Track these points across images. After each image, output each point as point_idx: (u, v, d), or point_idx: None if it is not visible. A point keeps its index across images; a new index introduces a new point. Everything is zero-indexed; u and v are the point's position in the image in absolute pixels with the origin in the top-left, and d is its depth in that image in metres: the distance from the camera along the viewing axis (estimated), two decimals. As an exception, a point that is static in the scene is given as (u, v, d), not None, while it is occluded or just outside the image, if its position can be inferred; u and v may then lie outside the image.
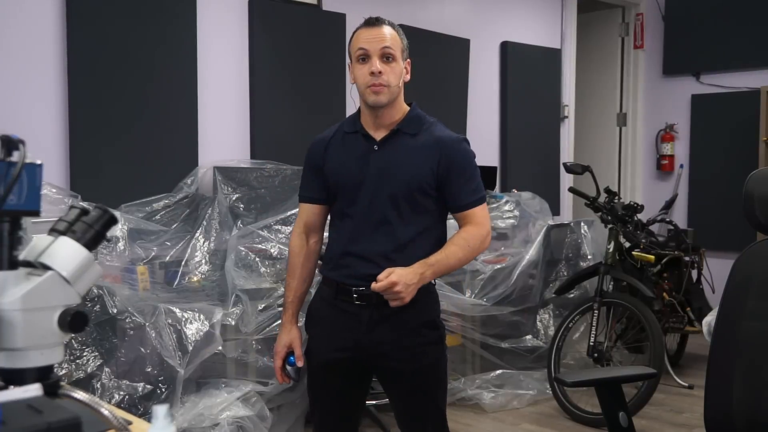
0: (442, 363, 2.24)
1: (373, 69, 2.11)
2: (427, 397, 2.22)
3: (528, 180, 5.48)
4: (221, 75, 3.98)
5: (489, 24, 5.40)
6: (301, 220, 2.32)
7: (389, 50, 2.13)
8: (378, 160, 2.16)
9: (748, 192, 1.95)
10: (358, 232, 2.17)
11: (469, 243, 2.16)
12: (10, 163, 1.08)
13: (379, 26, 2.15)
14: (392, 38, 2.14)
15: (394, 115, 2.19)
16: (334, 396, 2.26)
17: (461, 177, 2.17)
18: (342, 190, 2.21)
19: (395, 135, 2.18)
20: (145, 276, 3.27)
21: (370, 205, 2.16)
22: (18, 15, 3.30)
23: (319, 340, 2.25)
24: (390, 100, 2.15)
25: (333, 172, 2.22)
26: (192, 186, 3.69)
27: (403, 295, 2.01)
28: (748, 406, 1.87)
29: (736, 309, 1.94)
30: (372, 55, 2.12)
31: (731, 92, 6.07)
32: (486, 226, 2.20)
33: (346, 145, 2.23)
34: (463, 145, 2.21)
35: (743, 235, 4.29)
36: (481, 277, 4.18)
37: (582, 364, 4.46)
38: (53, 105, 3.41)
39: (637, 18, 6.50)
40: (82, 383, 2.80)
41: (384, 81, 2.11)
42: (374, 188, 2.15)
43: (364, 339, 2.15)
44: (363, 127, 2.21)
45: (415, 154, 2.16)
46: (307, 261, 2.31)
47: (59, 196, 3.17)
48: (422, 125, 2.20)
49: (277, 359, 2.26)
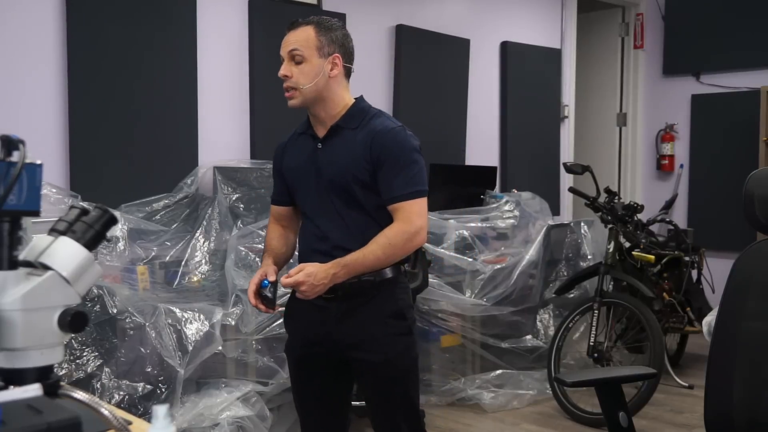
0: (412, 353, 2.24)
1: (279, 73, 2.18)
2: (398, 387, 2.23)
3: (528, 180, 5.48)
4: (221, 75, 3.98)
5: (489, 24, 5.39)
6: (272, 218, 2.40)
7: (295, 52, 2.16)
8: (320, 158, 2.21)
9: (748, 192, 1.95)
10: (316, 229, 2.23)
11: (391, 242, 2.11)
12: (10, 163, 1.08)
13: (294, 29, 2.19)
14: (303, 39, 2.16)
15: (330, 112, 2.21)
16: (316, 394, 2.29)
17: (393, 167, 2.13)
18: (296, 191, 2.30)
19: (336, 131, 2.21)
20: (145, 276, 3.27)
21: (318, 202, 2.22)
22: (18, 15, 3.30)
23: (294, 336, 2.31)
24: (304, 101, 2.18)
25: (288, 173, 2.31)
26: (192, 186, 3.69)
27: (308, 293, 2.07)
28: (748, 406, 1.87)
29: (736, 309, 1.93)
30: (283, 60, 2.19)
31: (731, 92, 6.06)
32: (415, 223, 2.12)
33: (297, 147, 2.30)
34: (399, 134, 2.16)
35: (743, 235, 4.29)
36: (481, 277, 4.18)
37: (582, 364, 4.45)
38: (53, 105, 3.41)
39: (637, 18, 6.50)
40: (82, 383, 2.81)
41: (292, 84, 2.16)
42: (318, 185, 2.21)
43: (334, 331, 2.19)
44: (311, 127, 2.26)
45: (353, 147, 2.17)
46: (284, 236, 2.36)
47: (59, 196, 3.17)
48: (363, 118, 2.20)
49: (251, 285, 2.21)
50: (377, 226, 2.16)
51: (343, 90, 2.23)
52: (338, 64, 2.19)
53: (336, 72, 2.19)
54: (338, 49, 2.19)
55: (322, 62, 2.16)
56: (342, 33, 2.22)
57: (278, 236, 2.36)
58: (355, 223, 2.18)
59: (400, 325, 2.22)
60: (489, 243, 4.48)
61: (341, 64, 2.20)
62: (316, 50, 2.16)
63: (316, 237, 2.23)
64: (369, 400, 2.29)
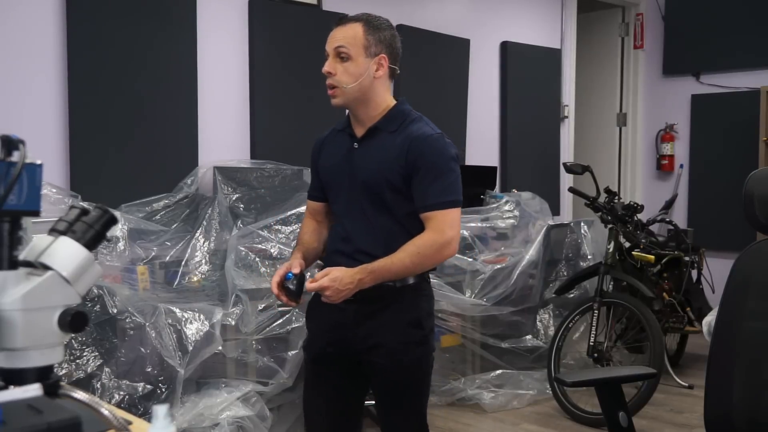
0: (424, 363, 2.21)
1: (323, 69, 2.13)
2: (407, 395, 2.21)
3: (528, 180, 5.48)
4: (221, 75, 3.98)
5: (489, 24, 5.40)
6: (307, 213, 2.38)
7: (341, 49, 2.11)
8: (355, 159, 2.18)
9: (748, 192, 1.95)
10: (343, 230, 2.21)
11: (421, 251, 2.08)
12: (10, 163, 1.08)
13: (343, 25, 2.14)
14: (350, 37, 2.11)
15: (370, 113, 2.17)
16: (329, 394, 2.26)
17: (429, 175, 2.09)
18: (328, 188, 2.27)
19: (373, 133, 2.17)
20: (145, 276, 3.27)
21: (348, 202, 2.19)
22: (18, 15, 3.30)
23: (313, 334, 2.29)
24: (346, 101, 2.14)
25: (322, 170, 2.28)
26: (192, 186, 3.69)
27: (333, 298, 2.04)
28: (748, 406, 1.87)
29: (736, 309, 1.93)
30: (328, 55, 2.14)
31: (731, 92, 6.06)
32: (447, 233, 2.08)
33: (334, 144, 2.27)
34: (437, 141, 2.12)
35: (743, 235, 4.29)
36: (481, 277, 4.18)
37: (582, 364, 4.45)
38: (53, 105, 3.41)
39: (637, 18, 6.50)
40: (82, 383, 2.80)
41: (335, 82, 2.12)
42: (351, 186, 2.18)
43: (350, 334, 2.17)
44: (350, 125, 2.23)
45: (388, 151, 2.13)
46: (317, 232, 2.32)
47: (59, 196, 3.17)
48: (402, 122, 2.17)
49: (275, 276, 2.17)
50: (405, 233, 2.13)
51: (386, 91, 2.19)
52: (384, 65, 2.14)
53: (381, 73, 2.14)
54: (385, 49, 2.14)
55: (368, 62, 2.11)
56: (390, 33, 2.17)
57: (311, 231, 2.33)
58: (382, 229, 2.14)
59: (416, 334, 2.19)
60: (489, 243, 4.48)
61: (387, 65, 2.15)
62: (362, 49, 2.11)
63: (340, 238, 2.21)
64: (378, 404, 2.28)
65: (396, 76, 2.22)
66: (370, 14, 2.17)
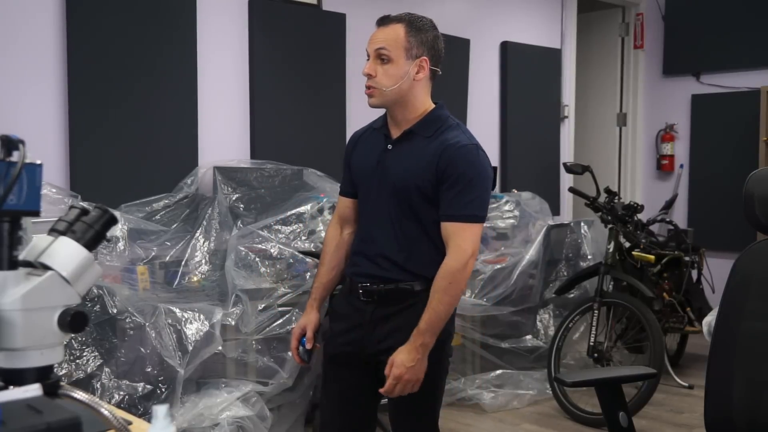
0: (437, 368, 2.18)
1: (363, 70, 2.11)
2: (420, 400, 2.19)
3: (528, 180, 5.48)
4: (221, 75, 3.98)
5: (489, 24, 5.39)
6: (336, 212, 2.36)
7: (382, 51, 2.07)
8: (388, 160, 2.16)
9: (748, 192, 1.95)
10: (366, 230, 2.20)
11: (451, 281, 2.05)
12: (10, 163, 1.08)
13: (384, 26, 2.11)
14: (392, 38, 2.07)
15: (407, 116, 2.14)
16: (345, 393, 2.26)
17: (456, 185, 2.05)
18: (358, 187, 2.25)
19: (408, 136, 2.14)
20: (145, 276, 3.27)
21: (375, 203, 2.17)
22: (18, 15, 3.30)
23: (333, 333, 2.29)
24: (383, 102, 2.11)
25: (354, 167, 2.26)
26: (192, 186, 3.69)
27: (413, 380, 2.05)
28: (748, 406, 1.87)
29: (736, 309, 1.93)
30: (370, 56, 2.11)
31: (731, 92, 6.07)
32: (467, 250, 2.05)
33: (369, 142, 2.24)
34: (471, 152, 2.08)
35: (743, 235, 4.30)
36: (481, 277, 4.18)
37: (582, 364, 4.46)
38: (53, 105, 3.41)
39: (637, 18, 6.50)
40: (82, 383, 2.80)
41: (374, 83, 2.09)
42: (380, 188, 2.15)
43: (367, 335, 2.17)
44: (387, 125, 2.20)
45: (421, 156, 2.10)
46: (338, 250, 2.31)
47: (59, 196, 3.17)
48: (439, 128, 2.13)
49: (293, 340, 2.28)
50: (430, 243, 2.11)
51: (425, 94, 2.15)
52: (425, 68, 2.10)
53: (422, 75, 2.10)
54: (427, 51, 2.10)
55: (408, 64, 2.07)
56: (433, 35, 2.12)
57: (333, 249, 2.30)
58: (406, 235, 2.12)
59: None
60: (489, 243, 4.48)
61: (428, 67, 2.11)
62: (404, 51, 2.07)
63: (364, 239, 2.20)
64: (391, 407, 2.28)
65: (436, 77, 2.17)
66: (412, 14, 2.13)
